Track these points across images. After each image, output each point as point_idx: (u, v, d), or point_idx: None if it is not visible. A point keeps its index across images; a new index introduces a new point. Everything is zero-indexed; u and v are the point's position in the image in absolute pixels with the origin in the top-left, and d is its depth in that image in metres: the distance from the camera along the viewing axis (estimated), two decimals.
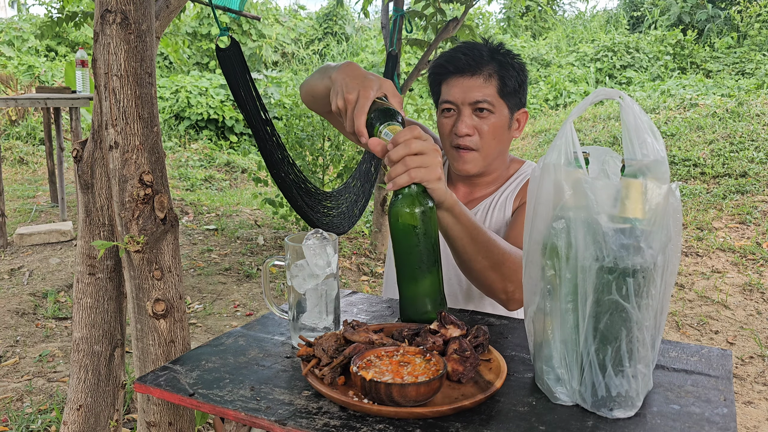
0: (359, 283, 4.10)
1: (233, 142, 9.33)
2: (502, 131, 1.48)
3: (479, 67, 1.45)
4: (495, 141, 1.47)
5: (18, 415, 2.42)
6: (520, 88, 1.50)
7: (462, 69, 1.46)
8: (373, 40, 12.99)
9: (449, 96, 1.48)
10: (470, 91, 1.45)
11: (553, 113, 9.61)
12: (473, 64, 1.45)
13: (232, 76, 3.14)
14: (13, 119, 8.25)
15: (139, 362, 1.28)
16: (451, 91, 1.48)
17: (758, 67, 9.72)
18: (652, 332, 0.84)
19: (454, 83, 1.48)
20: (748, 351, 3.10)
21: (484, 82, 1.45)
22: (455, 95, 1.47)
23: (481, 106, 1.44)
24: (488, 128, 1.45)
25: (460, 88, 1.46)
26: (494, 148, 1.48)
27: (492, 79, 1.46)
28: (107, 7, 1.16)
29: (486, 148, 1.47)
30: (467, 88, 1.45)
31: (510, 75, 1.47)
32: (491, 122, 1.45)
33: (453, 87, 1.48)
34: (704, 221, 4.97)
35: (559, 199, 0.84)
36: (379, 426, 0.82)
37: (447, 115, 1.49)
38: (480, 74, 1.45)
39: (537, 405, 0.87)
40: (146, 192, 1.19)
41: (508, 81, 1.47)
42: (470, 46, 1.48)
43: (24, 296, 3.56)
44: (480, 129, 1.45)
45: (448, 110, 1.49)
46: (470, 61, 1.45)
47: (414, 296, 1.11)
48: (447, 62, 1.49)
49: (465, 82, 1.46)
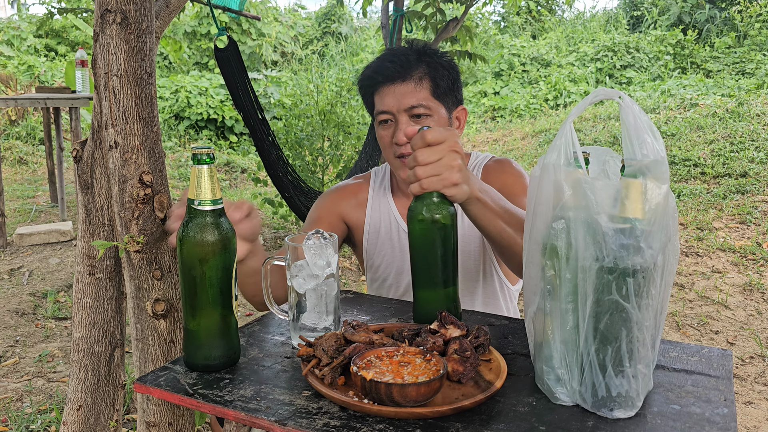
0: (359, 283, 4.10)
1: (233, 142, 9.33)
2: None
3: (408, 72, 1.42)
4: None
5: (18, 415, 2.42)
6: (454, 85, 1.46)
7: (392, 77, 1.43)
8: (372, 39, 12.99)
9: (383, 106, 1.44)
10: (403, 97, 1.41)
11: (553, 113, 9.61)
12: (401, 70, 1.42)
13: (230, 75, 3.15)
14: (13, 119, 8.25)
15: (139, 362, 1.28)
16: (385, 100, 1.44)
17: (758, 67, 9.71)
18: (652, 332, 0.84)
19: (386, 92, 1.44)
20: (748, 351, 3.10)
21: (416, 86, 1.42)
22: (389, 104, 1.43)
23: (417, 111, 1.41)
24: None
25: (392, 96, 1.43)
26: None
27: (423, 81, 1.42)
28: (107, 6, 1.16)
29: None
30: (400, 95, 1.42)
31: (441, 75, 1.44)
32: (430, 126, 1.41)
33: (386, 96, 1.44)
34: (704, 221, 4.97)
35: (559, 199, 0.84)
36: (379, 426, 0.82)
37: (385, 127, 1.46)
38: (410, 79, 1.42)
39: (537, 405, 0.87)
40: (146, 192, 1.19)
41: (440, 81, 1.43)
42: (396, 52, 1.46)
43: (24, 296, 3.56)
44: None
45: (384, 121, 1.45)
46: (398, 67, 1.42)
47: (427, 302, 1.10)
48: (375, 72, 1.45)
49: (397, 89, 1.42)
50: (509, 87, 10.78)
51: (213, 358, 0.98)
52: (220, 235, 0.96)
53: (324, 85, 6.25)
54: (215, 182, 0.96)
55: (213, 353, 0.98)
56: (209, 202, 0.96)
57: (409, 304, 1.32)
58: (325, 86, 6.11)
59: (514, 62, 11.20)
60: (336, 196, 1.63)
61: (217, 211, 0.97)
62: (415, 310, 1.13)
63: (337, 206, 1.61)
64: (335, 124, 5.13)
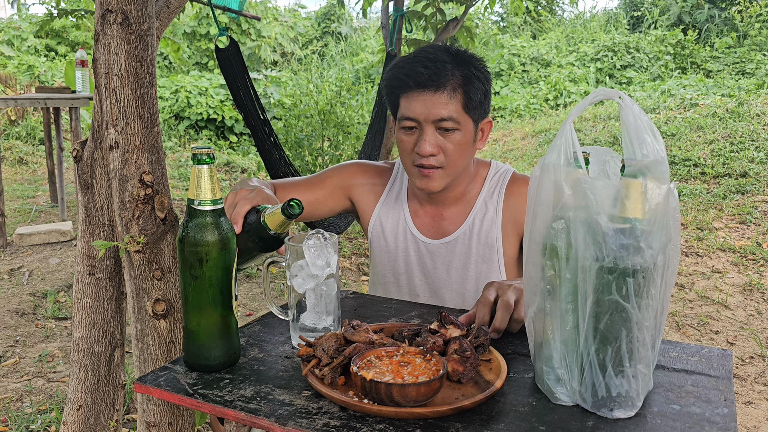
0: (359, 283, 4.10)
1: (233, 142, 9.32)
2: (467, 147, 1.39)
3: (443, 82, 1.33)
4: (461, 158, 1.39)
5: (18, 415, 2.42)
6: (485, 98, 1.39)
7: (424, 84, 1.33)
8: (372, 39, 12.99)
9: (410, 112, 1.36)
10: (434, 107, 1.33)
11: (553, 113, 9.60)
12: (436, 78, 1.33)
13: (231, 76, 3.15)
14: (13, 119, 8.24)
15: (139, 362, 1.28)
16: (412, 106, 1.35)
17: (758, 67, 9.71)
18: (652, 332, 0.84)
19: (416, 98, 1.35)
20: (748, 351, 3.10)
21: (449, 98, 1.33)
22: (417, 112, 1.35)
23: (445, 125, 1.34)
24: (453, 146, 1.36)
25: (422, 104, 1.34)
26: (460, 165, 1.40)
27: (457, 93, 1.34)
28: (108, 6, 1.16)
29: (451, 166, 1.38)
30: (430, 104, 1.33)
31: (475, 88, 1.35)
32: (456, 140, 1.36)
33: (414, 102, 1.35)
34: (704, 221, 4.97)
35: (559, 199, 0.84)
36: (379, 426, 0.82)
37: (408, 132, 1.39)
38: (444, 89, 1.33)
39: (537, 405, 0.87)
40: (146, 192, 1.19)
41: (474, 95, 1.35)
42: (431, 57, 1.35)
43: (24, 296, 3.56)
44: (444, 148, 1.36)
45: (409, 128, 1.38)
46: (432, 74, 1.33)
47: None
48: (407, 76, 1.35)
49: (428, 98, 1.33)
50: (509, 87, 10.78)
51: (213, 358, 0.99)
52: (220, 235, 0.96)
53: (324, 85, 6.25)
54: (215, 182, 0.96)
55: (213, 353, 0.99)
56: (209, 202, 0.96)
57: (409, 304, 1.32)
58: (324, 86, 6.11)
59: (514, 62, 11.20)
60: (355, 170, 1.59)
61: (217, 211, 0.97)
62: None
63: (351, 179, 1.57)
64: (335, 124, 5.13)
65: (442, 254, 1.50)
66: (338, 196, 1.57)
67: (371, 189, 1.58)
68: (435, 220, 1.52)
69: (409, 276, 1.54)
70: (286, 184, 1.52)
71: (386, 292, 1.59)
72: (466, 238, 1.48)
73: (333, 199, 1.56)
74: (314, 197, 1.53)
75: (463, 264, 1.48)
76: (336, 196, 1.56)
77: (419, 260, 1.52)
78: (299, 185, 1.53)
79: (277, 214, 1.07)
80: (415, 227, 1.52)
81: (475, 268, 1.47)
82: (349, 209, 1.61)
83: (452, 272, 1.49)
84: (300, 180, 1.56)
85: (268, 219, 1.09)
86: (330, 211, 1.58)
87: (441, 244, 1.50)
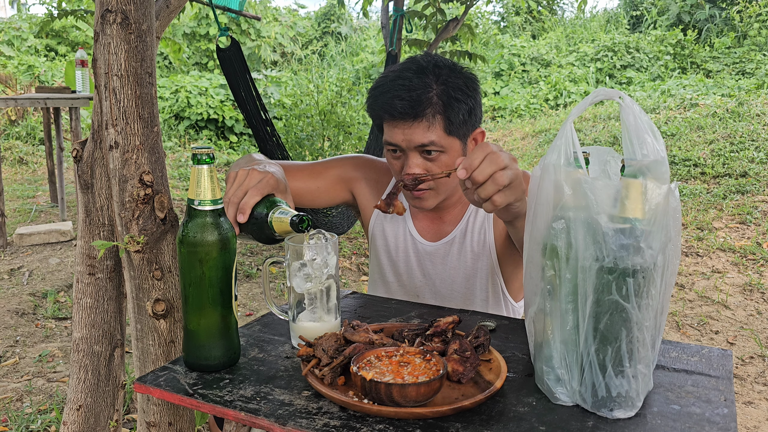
0: (359, 283, 4.10)
1: (233, 142, 9.32)
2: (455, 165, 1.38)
3: (420, 111, 1.30)
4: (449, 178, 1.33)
5: (18, 415, 2.42)
6: (470, 114, 1.35)
7: (401, 116, 1.31)
8: (372, 39, 12.99)
9: (392, 139, 1.35)
10: (414, 136, 1.32)
11: (553, 113, 9.60)
12: (411, 110, 1.30)
13: (232, 75, 3.15)
14: (13, 119, 8.24)
15: (139, 362, 1.28)
16: (393, 134, 1.34)
17: (758, 67, 9.71)
18: (652, 332, 0.84)
19: (395, 126, 1.34)
20: (748, 351, 3.10)
21: (428, 125, 1.31)
22: (398, 139, 1.34)
23: (428, 149, 1.32)
24: (440, 168, 1.34)
25: (401, 134, 1.33)
26: (450, 183, 1.40)
27: (436, 120, 1.31)
28: (108, 6, 1.16)
29: (441, 185, 1.38)
30: (410, 134, 1.32)
31: (456, 109, 1.32)
32: (442, 161, 1.34)
33: (394, 130, 1.34)
34: (704, 221, 4.97)
35: (559, 199, 0.84)
36: (379, 426, 0.82)
37: (394, 156, 1.38)
38: (422, 118, 1.30)
39: (537, 405, 0.87)
40: (146, 192, 1.19)
41: (454, 117, 1.32)
42: (407, 84, 1.31)
43: (24, 296, 3.56)
44: (431, 170, 1.34)
45: (394, 150, 1.37)
46: (407, 107, 1.30)
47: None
48: (383, 110, 1.33)
49: (406, 128, 1.32)
50: (509, 87, 10.79)
51: (213, 358, 0.99)
52: (220, 235, 0.96)
53: (324, 85, 6.25)
54: (215, 182, 0.96)
55: (213, 353, 0.99)
56: (209, 202, 0.96)
57: (409, 304, 1.32)
58: (325, 86, 6.11)
59: (514, 62, 11.20)
60: (360, 163, 1.58)
61: (217, 211, 0.97)
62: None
63: (355, 172, 1.57)
64: (335, 124, 5.13)
65: (441, 255, 1.50)
66: (340, 188, 1.57)
67: (374, 185, 1.58)
68: (434, 222, 1.53)
69: (410, 276, 1.55)
70: (291, 167, 1.51)
71: (387, 291, 1.60)
72: (462, 237, 1.49)
73: (335, 190, 1.56)
74: (316, 186, 1.53)
75: (461, 263, 1.49)
76: (338, 187, 1.56)
77: (419, 262, 1.53)
78: (303, 171, 1.53)
79: (285, 222, 1.07)
80: (416, 230, 1.53)
81: (472, 265, 1.48)
82: (349, 202, 1.60)
83: (452, 272, 1.50)
84: (304, 166, 1.56)
85: (275, 222, 1.08)
86: (330, 201, 1.57)
87: (439, 245, 1.50)
